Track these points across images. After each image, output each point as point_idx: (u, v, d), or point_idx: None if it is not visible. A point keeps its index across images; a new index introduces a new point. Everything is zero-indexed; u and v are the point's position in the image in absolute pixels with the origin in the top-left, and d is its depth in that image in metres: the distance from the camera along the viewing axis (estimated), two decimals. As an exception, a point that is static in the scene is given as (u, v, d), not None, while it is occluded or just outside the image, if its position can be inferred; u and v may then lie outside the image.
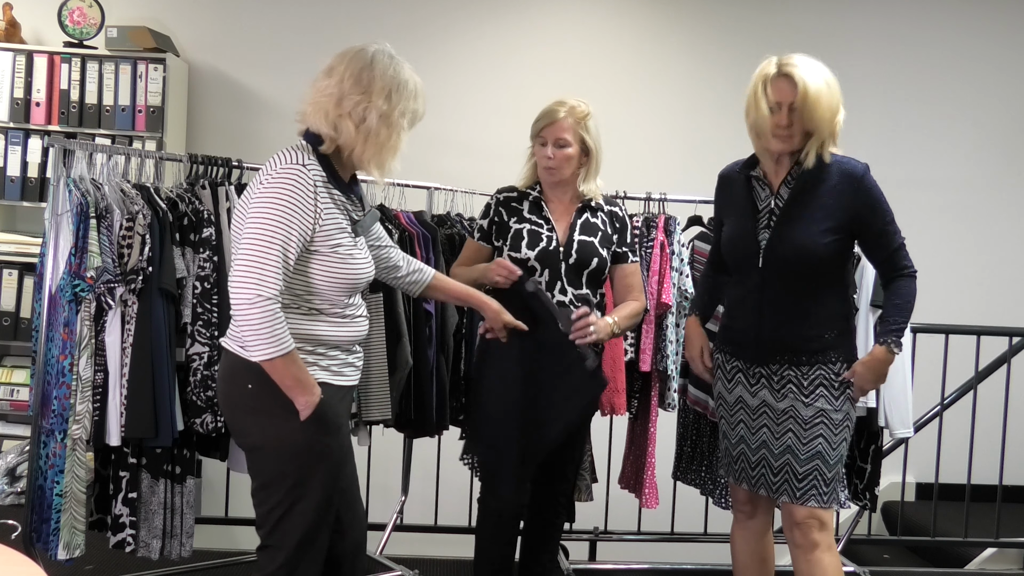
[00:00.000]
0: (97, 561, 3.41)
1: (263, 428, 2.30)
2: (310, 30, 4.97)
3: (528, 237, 2.88)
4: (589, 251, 2.90)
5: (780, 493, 2.67)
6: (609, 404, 3.44)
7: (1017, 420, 4.22)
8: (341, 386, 2.37)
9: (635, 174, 4.23)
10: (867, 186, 2.61)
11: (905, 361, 3.57)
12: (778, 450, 2.65)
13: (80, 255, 2.83)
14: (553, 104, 2.92)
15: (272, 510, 2.31)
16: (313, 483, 2.30)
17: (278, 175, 2.22)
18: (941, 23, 5.21)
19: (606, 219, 2.97)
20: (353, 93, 2.27)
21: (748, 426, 2.72)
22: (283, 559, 2.30)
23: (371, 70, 2.29)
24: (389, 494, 4.04)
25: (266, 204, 2.20)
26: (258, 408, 2.28)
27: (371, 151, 2.29)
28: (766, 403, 2.68)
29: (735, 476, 2.78)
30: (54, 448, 2.86)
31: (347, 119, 2.27)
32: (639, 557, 4.09)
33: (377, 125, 2.27)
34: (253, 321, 2.15)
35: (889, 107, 5.19)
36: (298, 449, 2.28)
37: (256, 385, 2.25)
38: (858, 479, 3.64)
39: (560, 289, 2.87)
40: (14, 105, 4.50)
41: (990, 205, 5.26)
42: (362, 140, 2.28)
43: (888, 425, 3.57)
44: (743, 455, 2.74)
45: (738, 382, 2.74)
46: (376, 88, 2.27)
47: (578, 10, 5.13)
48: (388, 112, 2.28)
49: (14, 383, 4.47)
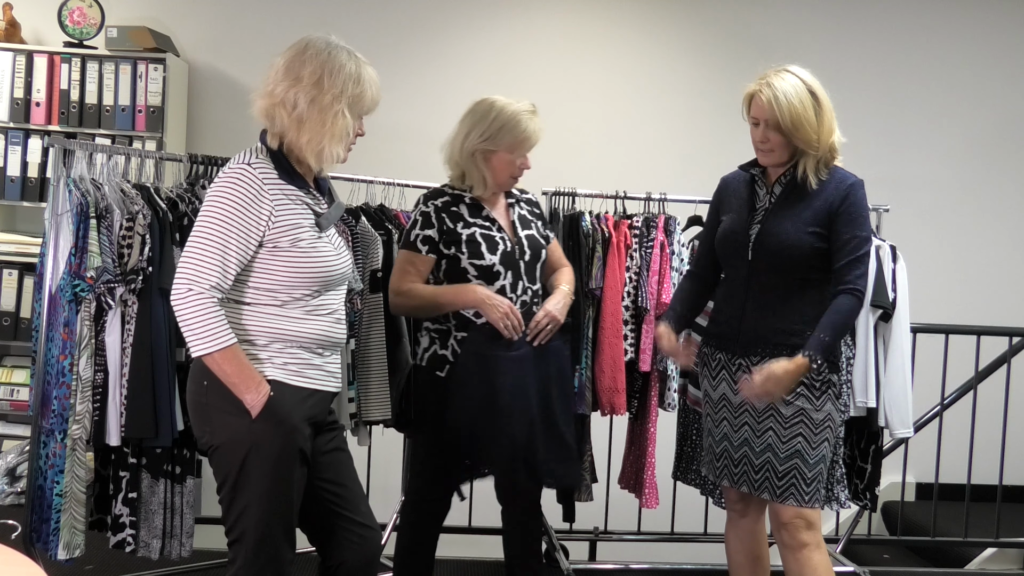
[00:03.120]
0: (97, 561, 3.41)
1: (215, 425, 2.28)
2: (310, 30, 4.94)
3: (485, 242, 2.81)
4: (537, 244, 2.92)
5: (762, 490, 2.68)
6: (609, 404, 3.44)
7: (1017, 420, 4.22)
8: (299, 387, 2.29)
9: (635, 174, 4.24)
10: (853, 195, 2.65)
11: (905, 361, 3.57)
12: (759, 447, 2.67)
13: (80, 255, 2.83)
14: (532, 122, 2.83)
15: (229, 508, 2.29)
16: (259, 481, 2.25)
17: (223, 176, 2.25)
18: (946, 21, 5.20)
19: (526, 207, 3.00)
20: (284, 80, 2.27)
21: (731, 423, 2.74)
22: (242, 561, 2.28)
23: (302, 57, 2.29)
24: (389, 494, 4.04)
25: (209, 205, 2.24)
26: (210, 405, 2.27)
27: (305, 137, 2.27)
28: (749, 400, 2.69)
29: (716, 473, 2.80)
30: (54, 448, 2.87)
31: (280, 107, 2.27)
32: (639, 557, 4.08)
33: (308, 110, 2.26)
34: (186, 315, 2.18)
35: (891, 107, 5.18)
36: (244, 446, 2.24)
37: (209, 382, 2.24)
38: (858, 479, 3.64)
39: (522, 289, 2.85)
40: (14, 105, 4.50)
41: (990, 205, 5.26)
42: (295, 127, 2.27)
43: (888, 425, 3.57)
44: (726, 452, 2.76)
45: (722, 379, 2.76)
46: (306, 73, 2.27)
47: (578, 10, 5.13)
48: (318, 96, 2.26)
49: (14, 383, 4.46)
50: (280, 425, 2.25)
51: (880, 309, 3.50)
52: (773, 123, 2.60)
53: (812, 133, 2.60)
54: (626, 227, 3.52)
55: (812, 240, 2.62)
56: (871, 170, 5.22)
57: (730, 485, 2.77)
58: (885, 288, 3.50)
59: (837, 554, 3.87)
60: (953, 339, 4.09)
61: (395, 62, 4.96)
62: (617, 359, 3.41)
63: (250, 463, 2.24)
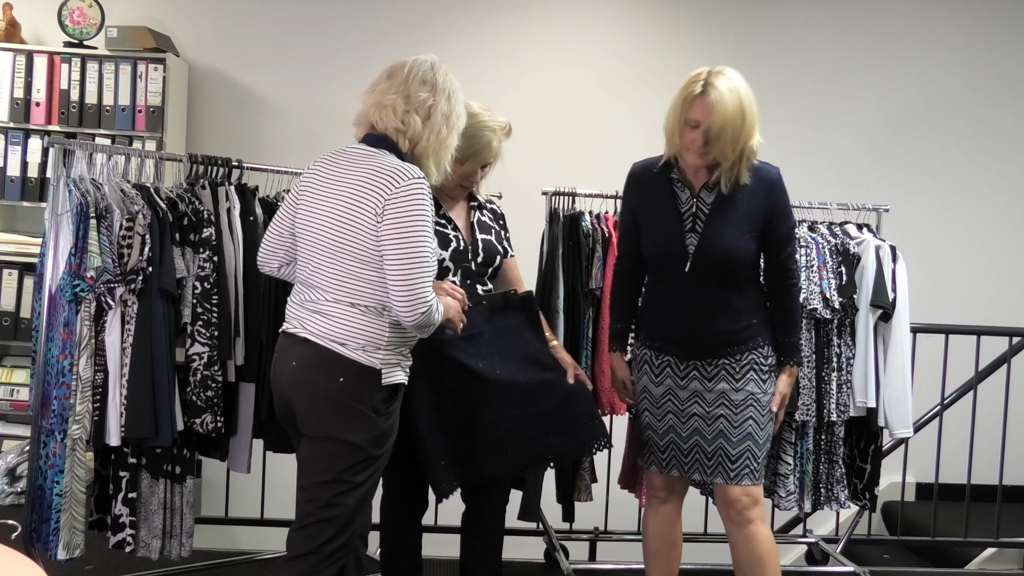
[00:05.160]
0: (97, 561, 3.41)
1: (343, 419, 2.39)
2: (310, 30, 4.98)
3: (438, 238, 2.80)
4: (492, 249, 2.93)
5: (715, 475, 2.78)
6: (609, 404, 3.44)
7: (1017, 420, 4.22)
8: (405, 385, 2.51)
9: (635, 174, 4.22)
10: (779, 190, 2.74)
11: (905, 361, 3.57)
12: (711, 435, 2.76)
13: (80, 255, 2.83)
14: (489, 133, 2.82)
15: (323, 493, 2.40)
16: (370, 478, 2.45)
17: (412, 187, 2.34)
18: (946, 22, 5.20)
19: (491, 215, 3.01)
20: (420, 91, 2.44)
21: (677, 416, 2.80)
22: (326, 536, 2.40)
23: (434, 73, 2.47)
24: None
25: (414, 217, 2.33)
26: (342, 402, 2.38)
27: (434, 146, 2.44)
28: (697, 393, 2.78)
29: (662, 465, 2.85)
30: (54, 448, 2.87)
31: (414, 114, 2.43)
32: (639, 557, 4.07)
33: (440, 122, 2.44)
34: (425, 323, 2.36)
35: (890, 108, 5.18)
36: (366, 444, 2.39)
37: (346, 379, 2.37)
38: (858, 479, 3.64)
39: (470, 287, 2.87)
40: (14, 105, 4.50)
41: (990, 205, 5.26)
42: (427, 134, 2.43)
43: (888, 425, 3.58)
44: (673, 443, 2.82)
45: (667, 375, 2.81)
46: (439, 89, 2.46)
47: (578, 10, 5.13)
48: (448, 112, 2.46)
49: (14, 383, 4.47)
50: (394, 424, 2.48)
51: (880, 309, 3.50)
52: (717, 126, 2.57)
53: (747, 135, 2.61)
54: (626, 227, 3.52)
55: (751, 244, 2.72)
56: (871, 170, 5.26)
57: (680, 475, 2.85)
58: (885, 288, 3.50)
59: (837, 554, 3.87)
60: (953, 339, 4.09)
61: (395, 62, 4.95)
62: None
63: (366, 461, 2.41)
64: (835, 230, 3.64)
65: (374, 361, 2.39)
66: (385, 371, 2.41)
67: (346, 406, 2.38)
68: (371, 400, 2.39)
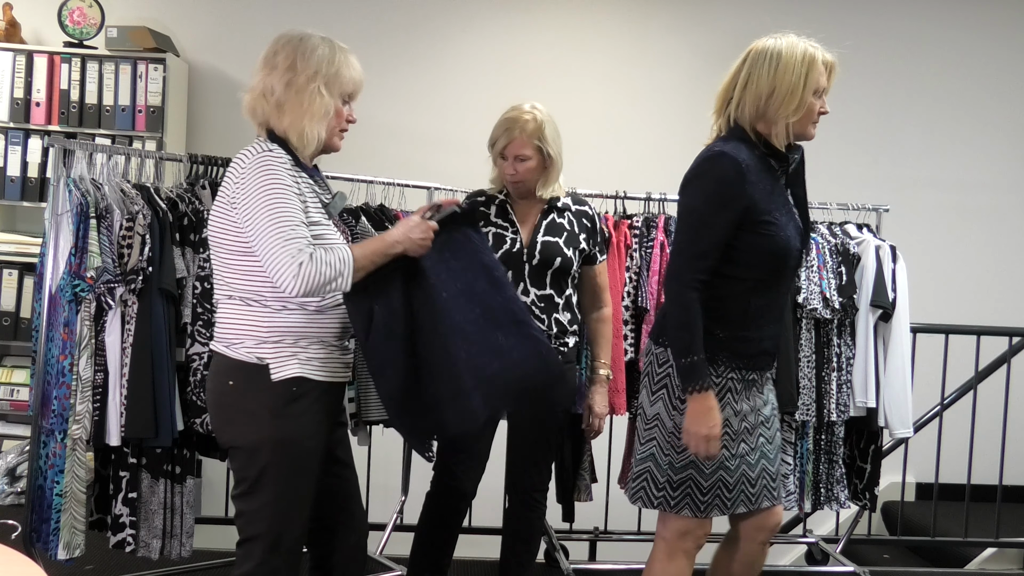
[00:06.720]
0: (97, 561, 3.41)
1: (237, 425, 2.27)
2: (311, 30, 4.97)
3: (492, 240, 2.85)
4: (552, 251, 2.89)
5: (761, 499, 2.47)
6: (609, 404, 3.44)
7: (1017, 420, 4.21)
8: (321, 381, 2.28)
9: (635, 174, 4.24)
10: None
11: (905, 361, 3.57)
12: (773, 454, 2.49)
13: (80, 255, 2.83)
14: (508, 119, 2.88)
15: (244, 506, 2.28)
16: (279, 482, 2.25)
17: (252, 165, 2.20)
18: (946, 22, 5.20)
19: (573, 219, 2.97)
20: (261, 72, 2.32)
21: (748, 441, 2.43)
22: (256, 560, 2.26)
23: (275, 47, 2.35)
24: (389, 494, 4.03)
25: (258, 190, 2.17)
26: (234, 405, 2.26)
27: (287, 120, 2.29)
28: (757, 409, 2.46)
29: (726, 506, 2.42)
30: (54, 448, 2.87)
31: (260, 98, 2.31)
32: (639, 557, 4.06)
33: (285, 93, 2.28)
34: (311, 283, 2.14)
35: (892, 107, 5.18)
36: (267, 446, 2.23)
37: (235, 382, 2.24)
38: (858, 479, 3.65)
39: (523, 290, 2.86)
40: (14, 105, 4.50)
41: (990, 205, 5.26)
42: (276, 113, 2.29)
43: (888, 425, 3.58)
44: (744, 476, 2.42)
45: (753, 395, 2.45)
46: (280, 60, 2.31)
47: (578, 10, 5.13)
48: (293, 79, 2.29)
49: (14, 383, 4.46)
50: (303, 425, 2.25)
51: (880, 309, 3.51)
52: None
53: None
54: (626, 227, 3.53)
55: None
56: (871, 170, 5.26)
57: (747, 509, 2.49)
58: (885, 288, 3.51)
59: (837, 554, 3.87)
60: (953, 339, 4.09)
61: (395, 63, 4.96)
62: (617, 359, 3.41)
63: (272, 463, 2.23)
64: (835, 230, 3.64)
65: (262, 357, 2.22)
66: (274, 366, 2.22)
67: (240, 409, 2.24)
68: (264, 400, 2.21)
